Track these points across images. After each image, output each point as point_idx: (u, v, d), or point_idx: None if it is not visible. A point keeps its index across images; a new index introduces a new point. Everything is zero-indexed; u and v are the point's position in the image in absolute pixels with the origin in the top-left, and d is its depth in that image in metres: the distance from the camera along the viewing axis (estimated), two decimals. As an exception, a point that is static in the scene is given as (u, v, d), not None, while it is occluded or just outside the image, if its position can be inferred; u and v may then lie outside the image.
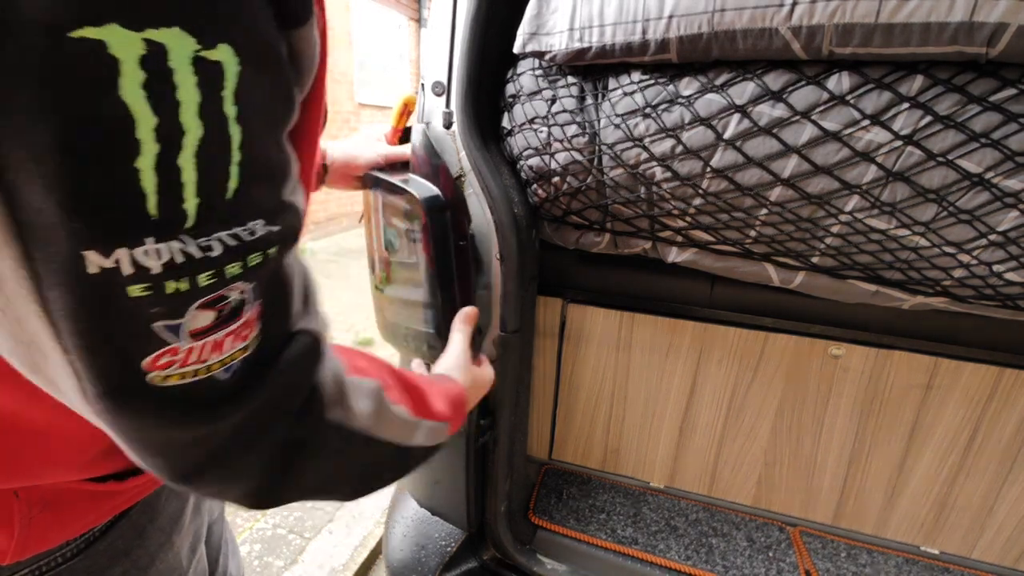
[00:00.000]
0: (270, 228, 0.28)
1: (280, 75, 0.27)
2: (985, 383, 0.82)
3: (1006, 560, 0.91)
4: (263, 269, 0.28)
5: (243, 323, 0.28)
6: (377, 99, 6.40)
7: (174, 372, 0.26)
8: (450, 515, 0.98)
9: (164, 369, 0.26)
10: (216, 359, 0.28)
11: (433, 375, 0.63)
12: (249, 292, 0.28)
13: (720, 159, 0.67)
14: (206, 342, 0.27)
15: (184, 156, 0.23)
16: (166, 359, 0.26)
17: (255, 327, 0.29)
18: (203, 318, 0.26)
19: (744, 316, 0.91)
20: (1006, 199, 0.57)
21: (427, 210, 0.77)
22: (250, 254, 0.27)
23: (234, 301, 0.27)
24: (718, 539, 0.97)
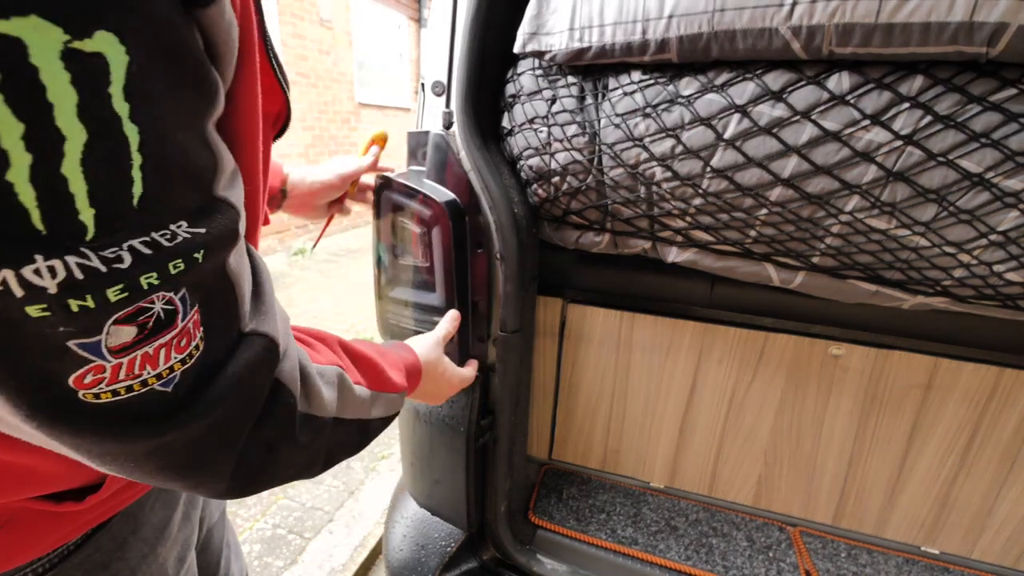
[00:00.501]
0: (195, 230, 0.26)
1: (188, 61, 0.24)
2: (985, 383, 0.82)
3: (1006, 560, 0.91)
4: (191, 275, 0.26)
5: (177, 333, 0.27)
6: (377, 99, 6.40)
7: (105, 389, 0.25)
8: (450, 515, 0.98)
9: (93, 387, 0.25)
10: (151, 373, 0.26)
11: (387, 343, 0.64)
12: (178, 301, 0.26)
13: (720, 159, 0.67)
14: (134, 357, 0.25)
15: (68, 164, 0.21)
16: (91, 377, 0.24)
17: (195, 336, 0.28)
18: (123, 333, 0.24)
19: (744, 316, 0.91)
20: (1006, 199, 0.57)
21: (445, 214, 0.77)
22: (170, 261, 0.25)
23: (159, 312, 0.25)
24: (718, 539, 0.97)
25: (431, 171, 0.82)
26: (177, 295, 0.26)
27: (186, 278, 0.26)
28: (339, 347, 0.50)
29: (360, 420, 0.47)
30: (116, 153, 0.22)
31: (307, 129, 5.17)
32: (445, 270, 0.79)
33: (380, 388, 0.51)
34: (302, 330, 0.47)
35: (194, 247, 0.26)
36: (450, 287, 0.80)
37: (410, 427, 0.97)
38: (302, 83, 5.02)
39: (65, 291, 0.22)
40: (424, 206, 0.78)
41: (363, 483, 1.91)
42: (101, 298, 0.23)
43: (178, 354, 0.27)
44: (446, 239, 0.77)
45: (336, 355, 0.48)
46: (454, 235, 0.77)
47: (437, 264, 0.80)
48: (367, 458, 2.06)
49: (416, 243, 0.81)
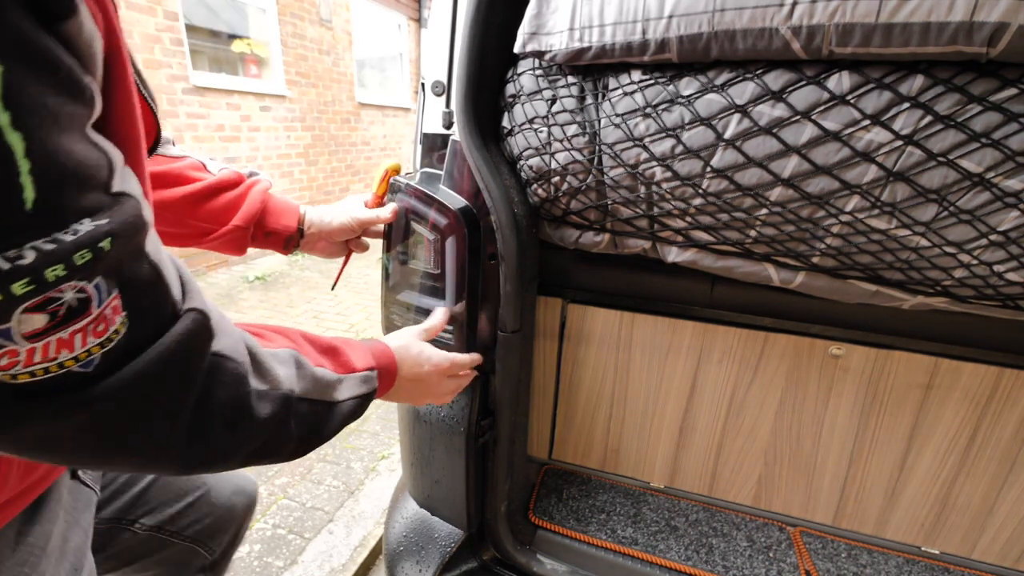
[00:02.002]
0: (97, 223, 0.28)
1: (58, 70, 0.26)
2: (985, 383, 0.82)
3: (1006, 560, 0.91)
4: (102, 263, 0.28)
5: (93, 319, 0.29)
6: (377, 99, 6.40)
7: (21, 371, 0.27)
8: (450, 515, 0.98)
9: (9, 369, 0.27)
10: (67, 356, 0.28)
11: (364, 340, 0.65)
12: (92, 289, 0.28)
13: (720, 159, 0.67)
14: (47, 342, 0.27)
15: None
16: (7, 360, 0.27)
17: (114, 320, 0.30)
18: (34, 321, 0.26)
19: (744, 316, 0.91)
20: (1007, 199, 0.57)
21: (459, 220, 0.77)
22: (75, 252, 0.27)
23: (71, 301, 0.27)
24: (718, 539, 0.97)
25: (448, 177, 0.82)
26: (91, 283, 0.28)
27: (97, 267, 0.28)
28: (299, 336, 0.52)
29: (327, 401, 0.50)
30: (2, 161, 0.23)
31: (307, 129, 5.17)
32: (457, 277, 0.79)
33: (345, 370, 0.53)
34: (260, 326, 0.50)
35: (99, 237, 0.28)
36: (461, 294, 0.80)
37: (410, 427, 0.97)
38: (302, 83, 5.02)
39: None
40: (439, 213, 0.78)
41: (363, 483, 1.91)
42: (6, 292, 0.25)
43: (96, 338, 0.29)
44: (460, 247, 0.78)
45: (293, 342, 0.50)
46: (468, 243, 0.77)
47: (448, 271, 0.80)
48: (367, 458, 2.06)
49: (428, 249, 0.81)
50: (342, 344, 0.58)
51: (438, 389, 0.73)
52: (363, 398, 0.56)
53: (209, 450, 0.37)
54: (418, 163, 0.90)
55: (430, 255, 0.81)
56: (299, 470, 1.96)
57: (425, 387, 0.71)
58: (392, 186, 0.85)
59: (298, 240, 0.84)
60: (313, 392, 0.48)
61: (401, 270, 0.86)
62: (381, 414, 2.38)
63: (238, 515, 0.85)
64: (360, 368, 0.56)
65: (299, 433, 0.46)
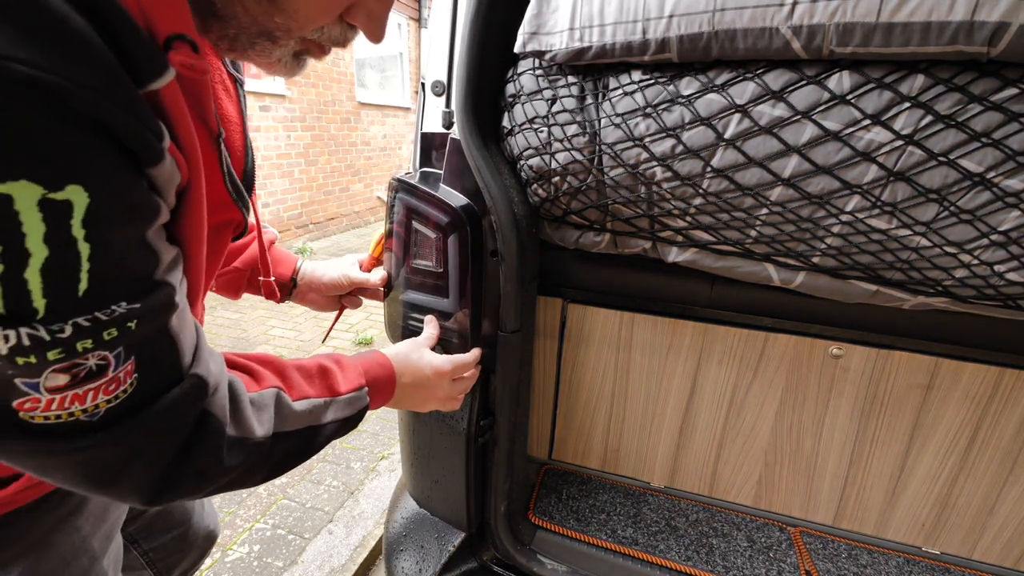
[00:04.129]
0: (132, 306, 0.34)
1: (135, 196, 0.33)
2: (986, 383, 0.82)
3: (1007, 561, 0.91)
4: (125, 339, 0.34)
5: (107, 381, 0.34)
6: (377, 99, 6.40)
7: (39, 415, 0.33)
8: (450, 515, 0.98)
9: (30, 411, 0.33)
10: (78, 408, 0.34)
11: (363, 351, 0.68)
12: (112, 357, 0.34)
13: (720, 159, 0.67)
14: (65, 396, 0.33)
15: (30, 271, 0.29)
16: (29, 404, 0.32)
17: (124, 382, 0.36)
18: (58, 379, 0.32)
19: (744, 316, 0.91)
20: (1007, 199, 0.57)
21: (461, 219, 0.77)
22: (105, 330, 0.33)
23: (92, 366, 0.33)
24: (718, 539, 0.97)
25: (448, 175, 0.82)
26: (112, 353, 0.34)
27: (120, 341, 0.34)
28: (289, 368, 0.56)
29: (310, 427, 0.53)
30: (69, 265, 0.30)
31: (307, 129, 5.17)
32: (459, 275, 0.79)
33: (331, 394, 0.57)
34: (251, 357, 0.54)
35: (128, 318, 0.34)
36: (463, 292, 0.80)
37: (410, 427, 0.97)
38: (302, 83, 5.02)
39: (13, 351, 0.30)
40: (440, 211, 0.78)
41: (363, 483, 1.91)
42: (42, 357, 0.31)
43: (105, 396, 0.35)
44: (462, 244, 0.78)
45: (279, 376, 0.54)
46: (471, 241, 0.77)
47: (451, 269, 0.80)
48: (367, 458, 2.05)
49: (430, 247, 0.81)
50: (333, 365, 0.60)
51: (443, 393, 0.73)
52: (346, 420, 0.58)
53: (175, 492, 0.42)
54: (418, 163, 0.90)
55: (432, 254, 0.81)
56: (299, 470, 1.96)
57: (429, 392, 0.71)
58: (390, 186, 0.85)
59: (291, 288, 0.89)
60: (292, 424, 0.51)
61: (403, 269, 0.86)
62: (381, 414, 2.38)
63: (196, 553, 0.93)
64: (345, 391, 0.59)
65: (272, 465, 0.50)
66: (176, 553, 0.88)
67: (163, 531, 0.85)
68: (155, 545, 0.84)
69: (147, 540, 0.83)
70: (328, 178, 5.65)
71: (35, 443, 0.34)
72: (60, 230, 0.29)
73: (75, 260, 0.30)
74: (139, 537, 0.83)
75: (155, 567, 0.86)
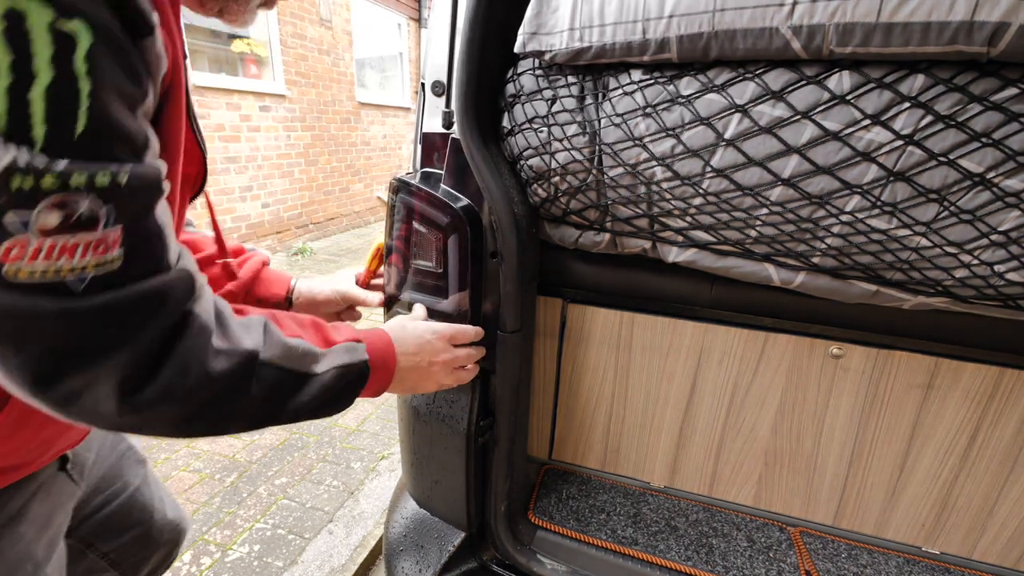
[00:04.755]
0: (122, 167, 0.35)
1: (128, 60, 0.35)
2: (986, 383, 0.82)
3: (1007, 561, 0.91)
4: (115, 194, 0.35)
5: (98, 239, 0.35)
6: (377, 99, 6.40)
7: (24, 267, 0.32)
8: (450, 515, 0.98)
9: (15, 261, 0.32)
10: (67, 264, 0.33)
11: None
12: (103, 212, 0.34)
13: (720, 159, 0.67)
14: (55, 243, 0.33)
15: (34, 92, 0.30)
16: (16, 251, 0.32)
17: (113, 248, 0.36)
18: (51, 218, 0.32)
19: (744, 316, 0.91)
20: (1007, 199, 0.57)
21: (461, 219, 0.77)
22: (98, 172, 0.33)
23: (84, 211, 0.33)
24: (718, 539, 0.97)
25: (449, 175, 0.82)
26: (102, 208, 0.34)
27: (111, 194, 0.34)
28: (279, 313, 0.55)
29: (302, 371, 0.51)
30: (71, 95, 0.32)
31: (307, 129, 5.17)
32: (459, 275, 0.80)
33: (325, 344, 0.55)
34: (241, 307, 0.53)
35: (119, 173, 0.34)
36: (463, 292, 0.80)
37: (410, 427, 0.97)
38: (302, 83, 5.02)
39: (9, 171, 0.30)
40: (441, 211, 0.78)
41: (363, 483, 1.91)
42: (36, 184, 0.31)
43: (94, 257, 0.34)
44: (462, 245, 0.78)
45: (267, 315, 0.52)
46: (471, 241, 0.77)
47: (451, 269, 0.80)
48: (367, 458, 2.06)
49: (431, 247, 0.81)
50: (326, 323, 0.59)
51: (446, 357, 0.71)
52: (347, 368, 0.55)
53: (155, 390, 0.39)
54: (418, 163, 0.90)
55: (432, 254, 0.81)
56: (299, 470, 1.96)
57: (431, 355, 0.69)
58: (391, 186, 0.85)
59: (286, 308, 0.89)
60: (282, 359, 0.49)
61: (403, 269, 0.86)
62: (381, 414, 2.38)
63: (164, 550, 0.92)
64: (340, 340, 0.57)
65: (262, 397, 0.47)
66: (140, 551, 0.87)
67: (121, 530, 0.84)
68: (115, 546, 0.83)
69: (105, 541, 0.82)
70: (328, 178, 5.65)
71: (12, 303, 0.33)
72: (65, 58, 0.31)
73: (76, 94, 0.32)
74: (94, 539, 0.81)
75: (119, 568, 0.85)
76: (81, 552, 0.80)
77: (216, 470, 1.94)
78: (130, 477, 0.86)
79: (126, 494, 0.84)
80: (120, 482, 0.84)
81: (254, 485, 1.87)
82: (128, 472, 0.86)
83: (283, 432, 2.19)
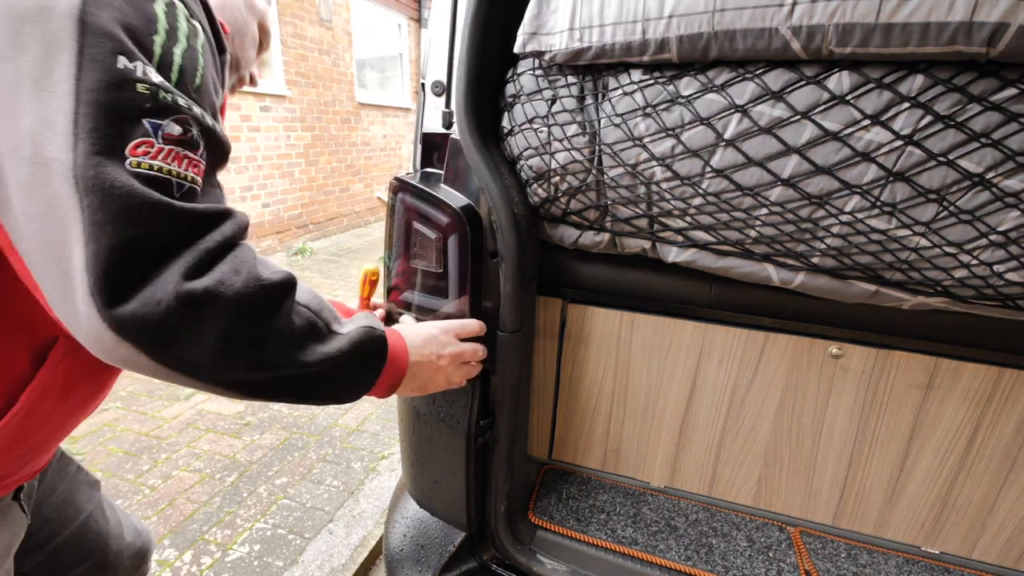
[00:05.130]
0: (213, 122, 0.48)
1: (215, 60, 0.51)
2: (986, 383, 0.82)
3: (1006, 561, 0.91)
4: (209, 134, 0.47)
5: (196, 159, 0.45)
6: (377, 99, 6.40)
7: (146, 161, 0.41)
8: (450, 515, 0.98)
9: (140, 156, 0.40)
10: (176, 168, 0.43)
11: None
12: (200, 141, 0.46)
13: (720, 159, 0.67)
14: (172, 149, 0.42)
15: (176, 50, 0.44)
16: (143, 148, 0.41)
17: (200, 171, 0.46)
18: (174, 128, 0.43)
19: (744, 316, 0.91)
20: (1007, 199, 0.57)
21: (463, 220, 0.77)
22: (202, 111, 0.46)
23: (194, 134, 0.45)
24: (718, 539, 0.97)
25: (449, 175, 0.82)
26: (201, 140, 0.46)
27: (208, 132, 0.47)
28: None
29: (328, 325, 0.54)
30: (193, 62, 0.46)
31: (307, 129, 5.17)
32: (459, 275, 0.80)
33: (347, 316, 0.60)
34: None
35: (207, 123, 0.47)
36: (463, 292, 0.80)
37: (410, 427, 0.97)
38: (302, 83, 5.02)
39: (158, 87, 0.42)
40: (441, 212, 0.78)
41: (363, 483, 1.91)
42: (175, 99, 0.43)
43: (193, 171, 0.45)
44: (462, 245, 0.78)
45: None
46: (471, 241, 0.77)
47: (451, 269, 0.80)
48: (367, 458, 2.06)
49: (430, 248, 0.81)
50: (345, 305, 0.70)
51: (453, 351, 0.72)
52: (368, 333, 0.57)
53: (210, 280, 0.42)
54: (418, 163, 0.90)
55: (432, 254, 0.81)
56: (299, 470, 1.96)
57: (439, 347, 0.71)
58: (393, 186, 0.85)
59: None
60: (313, 306, 0.52)
61: (406, 270, 0.86)
62: (381, 414, 2.38)
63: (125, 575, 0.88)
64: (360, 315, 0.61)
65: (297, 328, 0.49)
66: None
67: (74, 562, 0.79)
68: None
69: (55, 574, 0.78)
70: (328, 178, 5.65)
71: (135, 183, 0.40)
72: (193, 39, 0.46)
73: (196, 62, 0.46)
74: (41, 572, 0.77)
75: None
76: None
77: (216, 470, 1.94)
78: (81, 503, 0.81)
79: (77, 523, 0.80)
80: (72, 509, 0.79)
81: (254, 485, 1.87)
82: (79, 497, 0.81)
83: (283, 432, 2.19)
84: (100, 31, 0.39)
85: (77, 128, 0.38)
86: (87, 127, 0.38)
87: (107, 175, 0.38)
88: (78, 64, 0.38)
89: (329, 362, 0.51)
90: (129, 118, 0.40)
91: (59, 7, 0.38)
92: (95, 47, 0.39)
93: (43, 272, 0.40)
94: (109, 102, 0.39)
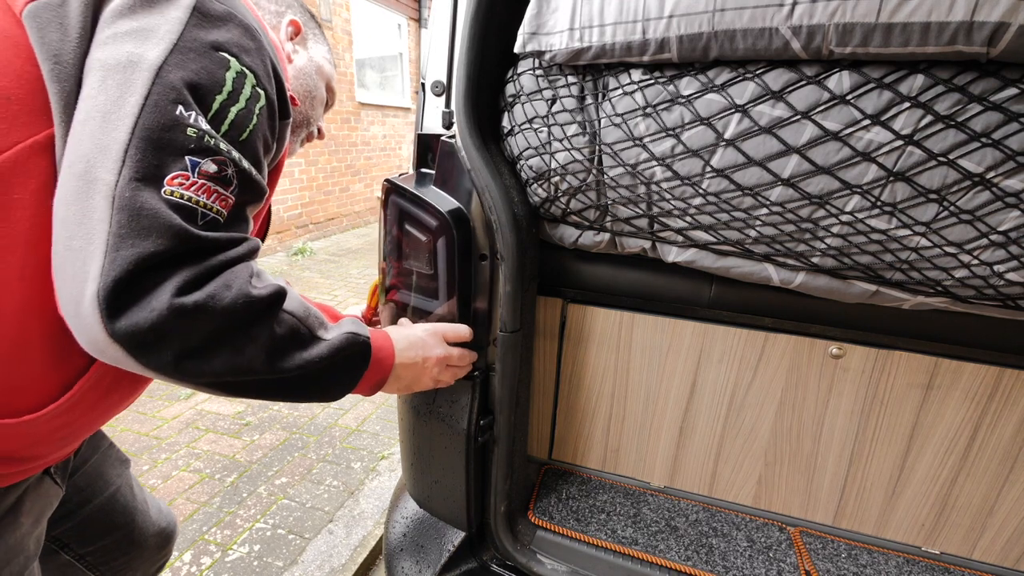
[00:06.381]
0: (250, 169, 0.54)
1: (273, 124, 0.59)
2: (986, 383, 0.82)
3: (1007, 561, 0.91)
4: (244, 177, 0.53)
5: (226, 195, 0.51)
6: (377, 99, 6.40)
7: (178, 191, 0.46)
8: (450, 515, 0.98)
9: (174, 186, 0.46)
10: (205, 200, 0.48)
11: None
12: (235, 179, 0.52)
13: (720, 159, 0.67)
14: (205, 184, 0.48)
15: (233, 108, 0.52)
16: (179, 180, 0.46)
17: (228, 206, 0.51)
18: (211, 167, 0.49)
19: (744, 316, 0.91)
20: (1007, 199, 0.57)
21: (449, 223, 0.77)
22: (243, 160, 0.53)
23: (229, 173, 0.51)
24: (718, 539, 0.97)
25: (438, 178, 0.82)
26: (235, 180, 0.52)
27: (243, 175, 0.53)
28: None
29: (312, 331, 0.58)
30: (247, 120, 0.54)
31: (307, 129, 5.16)
32: (448, 277, 0.80)
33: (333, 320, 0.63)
34: None
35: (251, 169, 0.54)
36: (452, 294, 0.81)
37: (410, 427, 0.97)
38: (302, 83, 5.01)
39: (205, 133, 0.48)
40: (429, 215, 0.78)
41: (363, 483, 1.91)
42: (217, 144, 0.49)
43: (220, 206, 0.50)
44: (450, 248, 0.78)
45: None
46: (459, 244, 0.77)
47: (440, 271, 0.80)
48: (367, 458, 2.06)
49: (421, 250, 0.81)
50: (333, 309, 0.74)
51: (439, 352, 0.75)
52: (352, 338, 0.61)
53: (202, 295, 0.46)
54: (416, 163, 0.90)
55: (421, 257, 0.81)
56: (299, 470, 1.96)
57: (425, 350, 0.74)
58: (383, 188, 0.86)
59: None
60: (299, 313, 0.57)
61: (397, 271, 0.86)
62: (381, 414, 2.38)
63: (150, 555, 0.91)
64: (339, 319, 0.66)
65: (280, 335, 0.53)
66: (121, 556, 0.85)
67: (101, 533, 0.82)
68: (93, 548, 0.82)
69: (81, 543, 0.81)
70: (328, 178, 5.65)
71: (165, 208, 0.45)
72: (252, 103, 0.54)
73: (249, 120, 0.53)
74: (70, 540, 0.80)
75: (98, 571, 0.83)
76: (53, 552, 0.78)
77: (216, 470, 1.94)
78: (111, 477, 0.84)
79: (106, 495, 0.83)
80: (101, 481, 0.82)
81: (254, 485, 1.87)
82: (110, 472, 0.84)
83: (283, 432, 2.19)
84: (169, 84, 0.46)
85: (126, 156, 0.44)
86: (135, 157, 0.44)
87: (140, 198, 0.44)
88: (142, 106, 0.45)
89: (309, 366, 0.56)
90: (173, 154, 0.46)
91: (144, 62, 0.46)
92: (160, 96, 0.46)
93: (61, 271, 0.44)
94: (159, 140, 0.45)
